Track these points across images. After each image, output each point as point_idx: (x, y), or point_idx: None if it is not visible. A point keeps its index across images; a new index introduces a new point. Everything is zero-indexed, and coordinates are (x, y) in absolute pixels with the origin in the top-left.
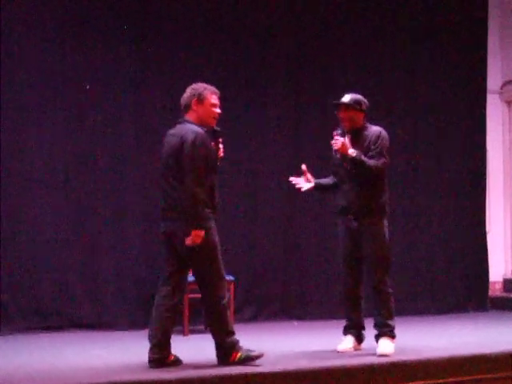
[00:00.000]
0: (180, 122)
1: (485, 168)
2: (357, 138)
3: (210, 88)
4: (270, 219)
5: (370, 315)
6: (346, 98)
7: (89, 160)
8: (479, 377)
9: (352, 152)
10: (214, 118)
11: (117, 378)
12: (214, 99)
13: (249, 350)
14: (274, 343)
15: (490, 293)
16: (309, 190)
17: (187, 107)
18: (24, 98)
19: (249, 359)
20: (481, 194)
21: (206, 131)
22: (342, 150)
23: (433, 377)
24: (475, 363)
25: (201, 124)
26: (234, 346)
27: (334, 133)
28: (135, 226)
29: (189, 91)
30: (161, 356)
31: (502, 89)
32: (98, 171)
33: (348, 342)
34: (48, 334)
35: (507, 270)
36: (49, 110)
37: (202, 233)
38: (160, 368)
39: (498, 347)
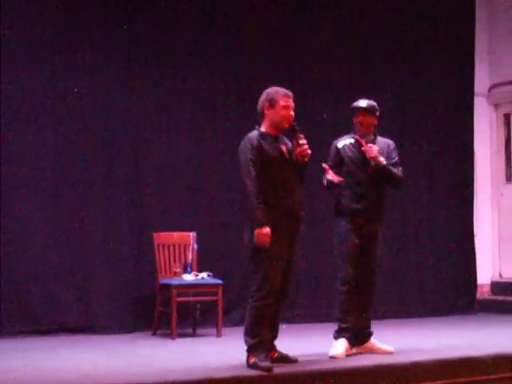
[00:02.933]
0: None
1: (472, 171)
2: (367, 143)
3: (281, 90)
4: None
5: None
6: (364, 103)
7: (79, 163)
8: (467, 379)
9: (382, 160)
10: (285, 120)
11: (106, 382)
12: (285, 101)
13: (265, 360)
14: None
15: (478, 295)
16: (335, 184)
17: (261, 112)
18: (14, 103)
19: (257, 367)
20: (469, 197)
21: (273, 134)
22: (376, 156)
23: (421, 380)
24: (463, 366)
25: (274, 127)
26: (250, 349)
27: (358, 138)
28: (125, 230)
29: (263, 97)
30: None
31: (489, 92)
32: (88, 175)
33: (340, 346)
34: (37, 338)
35: (495, 273)
36: (38, 113)
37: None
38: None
39: (485, 350)
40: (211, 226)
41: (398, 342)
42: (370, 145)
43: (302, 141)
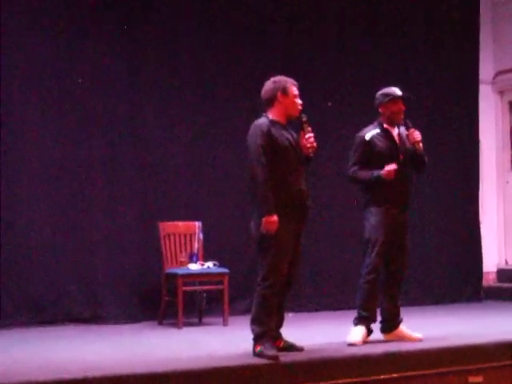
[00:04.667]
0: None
1: (478, 159)
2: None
3: (291, 80)
4: None
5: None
6: (399, 91)
7: (83, 153)
8: (473, 367)
9: (421, 146)
10: (297, 108)
11: (112, 372)
12: (295, 90)
13: (271, 348)
14: None
15: (484, 283)
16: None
17: (271, 100)
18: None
19: (263, 356)
20: (474, 185)
21: (281, 123)
22: (420, 141)
23: (427, 367)
24: (469, 353)
25: (284, 116)
26: (257, 338)
27: (410, 124)
28: (130, 220)
29: (271, 85)
30: None
31: (494, 79)
32: (92, 164)
33: (358, 333)
34: (42, 329)
35: (501, 260)
36: (39, 101)
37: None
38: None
39: (492, 337)
40: (217, 215)
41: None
42: (413, 129)
43: (309, 134)
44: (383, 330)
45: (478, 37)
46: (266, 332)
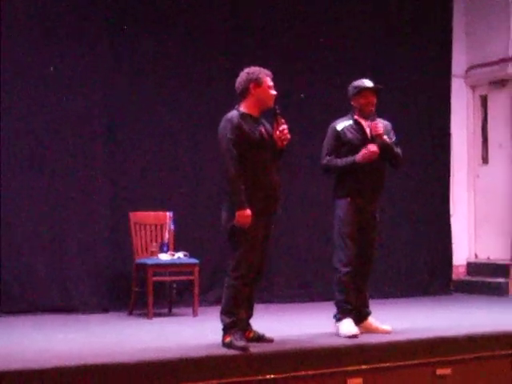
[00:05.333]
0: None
1: (449, 152)
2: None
3: (265, 70)
4: None
5: None
6: (371, 83)
7: (54, 143)
8: (441, 359)
9: (387, 138)
10: (271, 99)
11: (82, 362)
12: (270, 81)
13: (241, 339)
14: None
15: (454, 276)
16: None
17: (245, 91)
18: None
19: (232, 346)
20: (445, 179)
21: (251, 115)
22: (382, 134)
23: (396, 359)
24: (437, 346)
25: (257, 107)
26: (226, 328)
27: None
28: (101, 210)
29: (244, 76)
30: None
31: (466, 73)
32: (63, 154)
33: (351, 325)
34: (14, 318)
35: (471, 254)
36: (14, 92)
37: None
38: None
39: (460, 330)
40: (188, 205)
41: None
42: (376, 121)
43: (283, 126)
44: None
45: (451, 31)
46: (236, 323)
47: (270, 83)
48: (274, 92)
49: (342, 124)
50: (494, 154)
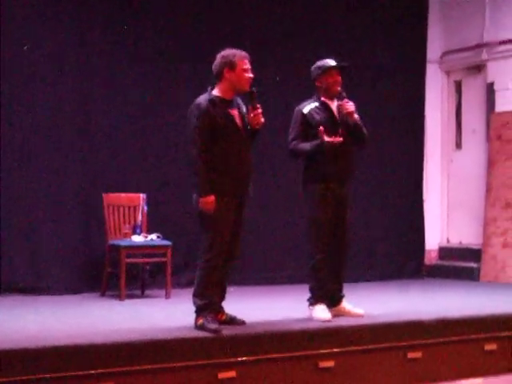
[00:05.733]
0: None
1: (423, 136)
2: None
3: (240, 53)
4: None
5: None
6: (334, 62)
7: (27, 121)
8: (412, 343)
9: (357, 117)
10: (247, 82)
11: (54, 343)
12: (245, 64)
13: (213, 321)
14: None
15: (426, 261)
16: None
17: (219, 75)
18: None
19: (204, 329)
20: (418, 162)
21: (228, 98)
22: (352, 112)
23: (368, 342)
24: (409, 329)
25: (232, 91)
26: (199, 311)
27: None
28: (74, 191)
29: (219, 59)
30: None
31: (441, 58)
32: (36, 133)
33: (325, 310)
34: None
35: (443, 239)
36: None
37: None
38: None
39: (431, 314)
40: (161, 187)
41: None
42: (347, 100)
43: (258, 110)
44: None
45: (427, 17)
46: (208, 305)
47: (246, 66)
48: (249, 75)
49: (308, 107)
50: (468, 139)
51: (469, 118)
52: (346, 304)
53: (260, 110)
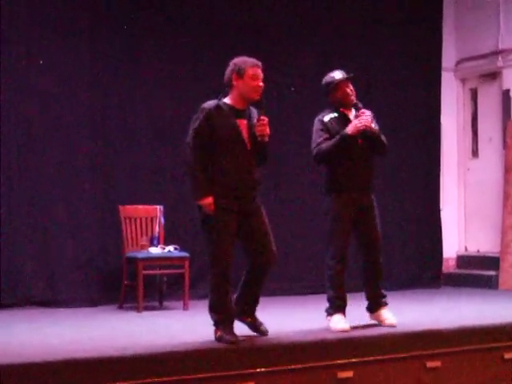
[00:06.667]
0: None
1: (439, 146)
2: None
3: (250, 61)
4: None
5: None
6: (344, 73)
7: (45, 135)
8: (431, 352)
9: (375, 126)
10: (255, 91)
11: (72, 356)
12: (255, 72)
13: (231, 333)
14: None
15: (444, 269)
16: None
17: (229, 83)
18: None
19: (223, 340)
20: (435, 171)
21: (230, 107)
22: (370, 122)
23: (386, 352)
24: (427, 339)
25: (242, 99)
26: (216, 324)
27: (360, 106)
28: (91, 203)
29: (229, 67)
30: None
31: (456, 66)
32: (52, 146)
33: (342, 320)
34: (2, 312)
35: (460, 247)
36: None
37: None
38: None
39: (450, 323)
40: (178, 199)
41: (363, 315)
42: (363, 111)
43: (263, 120)
44: (368, 309)
45: (441, 24)
46: (225, 317)
47: (254, 73)
48: (259, 83)
49: (328, 116)
50: (484, 147)
51: (485, 126)
52: (385, 312)
53: (266, 121)
